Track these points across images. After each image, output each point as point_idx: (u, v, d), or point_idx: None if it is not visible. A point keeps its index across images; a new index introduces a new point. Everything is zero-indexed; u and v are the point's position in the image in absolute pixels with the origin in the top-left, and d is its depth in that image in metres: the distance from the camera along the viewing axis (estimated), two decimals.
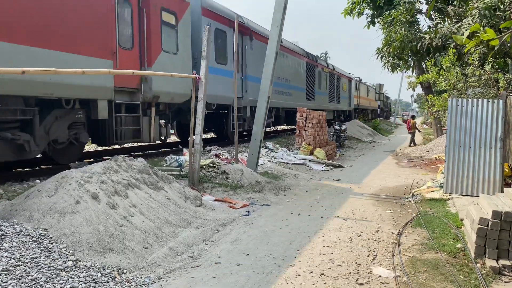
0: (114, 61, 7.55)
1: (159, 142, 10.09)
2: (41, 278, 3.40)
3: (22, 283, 3.27)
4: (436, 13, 14.18)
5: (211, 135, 16.20)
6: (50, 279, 3.43)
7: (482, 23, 10.11)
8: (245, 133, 14.94)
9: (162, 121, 9.84)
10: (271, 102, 14.55)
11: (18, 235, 3.90)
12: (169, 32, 9.20)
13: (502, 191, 6.59)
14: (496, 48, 9.08)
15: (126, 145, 11.89)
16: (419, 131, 21.91)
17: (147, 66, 8.51)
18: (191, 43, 10.10)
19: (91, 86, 7.09)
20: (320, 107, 21.68)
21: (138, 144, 11.12)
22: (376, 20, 17.98)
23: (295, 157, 12.62)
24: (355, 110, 33.46)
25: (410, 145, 19.97)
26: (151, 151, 11.86)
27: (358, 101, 34.95)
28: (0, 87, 5.69)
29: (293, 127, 18.47)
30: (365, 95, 39.22)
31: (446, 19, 13.91)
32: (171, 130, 11.65)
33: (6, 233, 3.87)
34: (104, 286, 3.55)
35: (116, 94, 7.70)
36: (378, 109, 47.22)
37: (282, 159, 12.07)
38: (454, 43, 11.79)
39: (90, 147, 12.19)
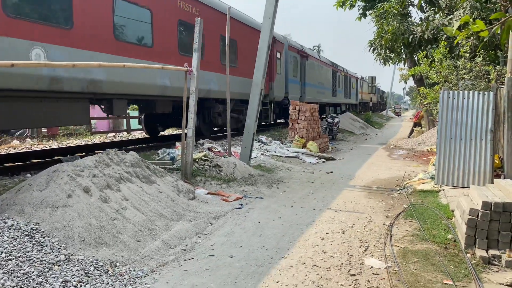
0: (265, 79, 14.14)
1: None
2: (33, 272, 3.39)
3: (14, 277, 3.25)
4: (427, 6, 14.22)
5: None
6: (42, 273, 3.42)
7: (473, 15, 10.18)
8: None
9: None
10: (316, 99, 22.60)
11: (10, 229, 3.87)
12: (278, 62, 17.15)
13: (492, 182, 6.67)
14: (486, 39, 9.14)
15: (118, 138, 15.73)
16: (420, 126, 21.69)
17: (272, 81, 16.23)
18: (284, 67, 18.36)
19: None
20: (339, 102, 31.12)
21: (130, 138, 14.98)
22: (368, 12, 17.99)
23: (288, 150, 12.63)
24: (359, 103, 41.41)
25: (409, 136, 20.16)
26: (143, 145, 11.86)
27: (362, 96, 43.11)
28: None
29: (322, 116, 23.30)
30: (366, 91, 46.97)
31: (437, 11, 13.96)
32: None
33: None
34: (97, 280, 3.54)
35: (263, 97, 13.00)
36: (370, 102, 48.30)
37: (275, 152, 12.09)
38: (445, 36, 11.86)
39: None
